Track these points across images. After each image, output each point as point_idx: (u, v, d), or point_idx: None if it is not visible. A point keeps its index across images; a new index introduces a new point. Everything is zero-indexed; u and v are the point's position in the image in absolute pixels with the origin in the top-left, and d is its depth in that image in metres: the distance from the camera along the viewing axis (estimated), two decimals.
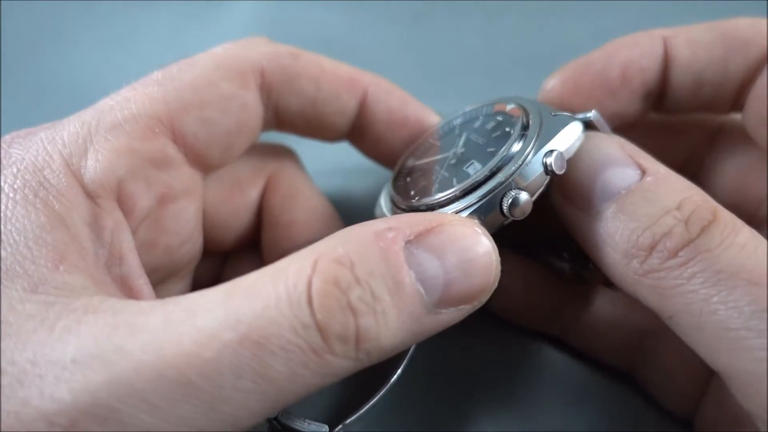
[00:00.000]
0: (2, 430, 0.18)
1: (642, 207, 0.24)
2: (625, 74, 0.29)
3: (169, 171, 0.26)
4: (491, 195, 0.24)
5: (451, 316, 0.22)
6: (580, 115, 0.26)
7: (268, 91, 0.28)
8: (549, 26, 0.44)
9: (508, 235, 0.25)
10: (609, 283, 0.28)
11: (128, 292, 0.24)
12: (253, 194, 0.30)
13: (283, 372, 0.20)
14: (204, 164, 0.28)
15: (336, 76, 0.29)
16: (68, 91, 0.43)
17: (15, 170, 0.23)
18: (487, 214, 0.24)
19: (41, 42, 0.46)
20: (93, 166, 0.24)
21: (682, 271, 0.23)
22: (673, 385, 0.29)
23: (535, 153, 0.25)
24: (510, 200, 0.24)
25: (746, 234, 0.23)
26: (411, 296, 0.21)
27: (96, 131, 0.25)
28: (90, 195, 0.24)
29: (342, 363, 0.21)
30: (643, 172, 0.24)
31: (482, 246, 0.22)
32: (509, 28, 0.31)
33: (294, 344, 0.20)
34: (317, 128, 0.30)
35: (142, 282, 0.24)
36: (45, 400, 0.18)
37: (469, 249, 0.22)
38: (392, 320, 0.21)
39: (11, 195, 0.22)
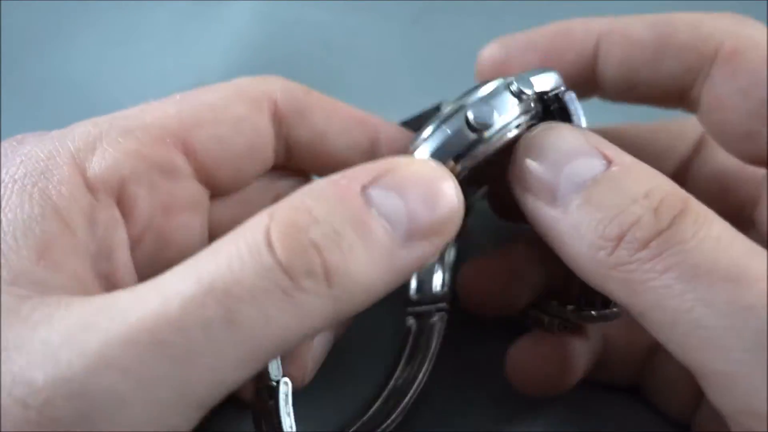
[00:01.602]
0: None
1: (608, 197, 0.23)
2: (544, 63, 0.29)
3: (176, 181, 0.26)
4: (454, 114, 0.25)
5: (426, 249, 0.23)
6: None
7: (279, 121, 0.29)
8: None
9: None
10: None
11: (112, 288, 0.23)
12: None
13: (254, 316, 0.20)
14: (212, 182, 0.28)
15: (348, 112, 0.30)
16: (68, 91, 0.43)
17: (19, 161, 0.24)
18: (455, 134, 0.25)
19: (41, 42, 0.46)
20: (98, 162, 0.24)
21: (654, 264, 0.22)
22: (676, 394, 0.30)
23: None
24: (472, 112, 0.24)
25: (720, 225, 0.23)
26: (376, 230, 0.22)
27: (107, 133, 0.25)
28: (90, 188, 0.24)
29: (316, 301, 0.21)
30: (609, 162, 0.24)
31: (440, 178, 0.23)
32: (509, 28, 0.31)
33: (260, 287, 0.20)
34: (328, 164, 0.30)
35: (129, 280, 0.25)
36: (17, 383, 0.18)
37: (427, 182, 0.23)
38: (361, 254, 0.21)
39: (10, 185, 0.23)
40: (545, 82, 0.26)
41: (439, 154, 0.25)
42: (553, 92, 0.26)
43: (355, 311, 0.22)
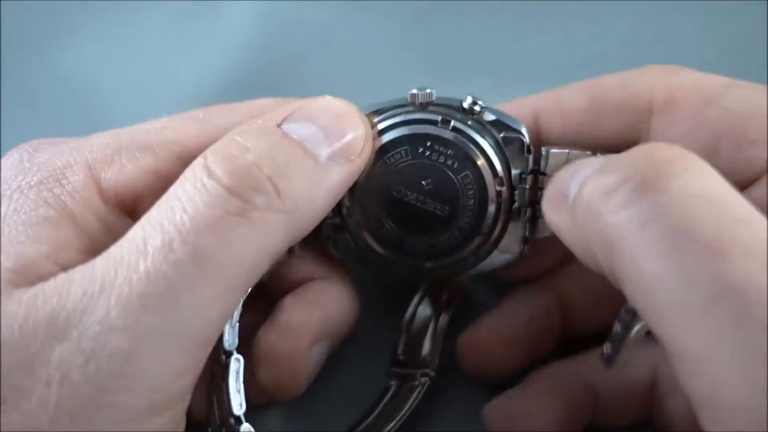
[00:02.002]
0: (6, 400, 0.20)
1: (602, 172, 0.22)
2: None
3: None
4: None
5: (348, 167, 0.25)
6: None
7: None
8: (549, 26, 0.44)
9: None
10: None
11: None
12: None
13: (217, 247, 0.22)
14: None
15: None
16: (68, 91, 0.43)
17: (36, 168, 0.25)
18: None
19: (41, 42, 0.46)
20: (114, 176, 0.25)
21: (630, 214, 0.20)
22: (688, 424, 0.28)
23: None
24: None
25: (718, 185, 0.21)
26: (301, 150, 0.24)
27: (127, 147, 0.26)
28: (104, 200, 0.25)
29: (271, 217, 0.23)
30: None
31: (341, 105, 0.26)
32: (509, 28, 0.31)
33: (215, 217, 0.22)
34: None
35: None
36: (36, 364, 0.20)
37: (333, 108, 0.26)
38: (296, 168, 0.24)
39: (26, 191, 0.24)
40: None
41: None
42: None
43: (306, 230, 0.25)
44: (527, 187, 0.28)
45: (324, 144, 0.25)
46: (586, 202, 0.22)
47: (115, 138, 0.26)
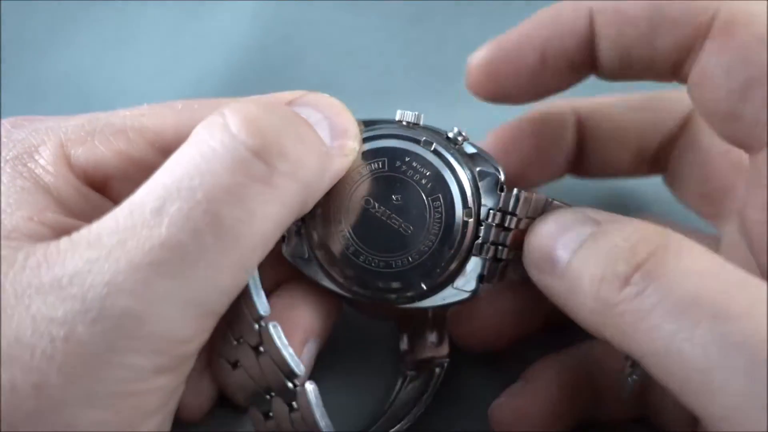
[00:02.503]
0: (8, 356, 0.20)
1: (595, 250, 0.24)
2: (544, 57, 0.28)
3: None
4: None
5: (343, 161, 0.26)
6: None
7: None
8: None
9: None
10: None
11: None
12: None
13: (238, 216, 0.21)
14: None
15: None
16: (68, 90, 0.43)
17: (12, 145, 0.25)
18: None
19: (41, 41, 0.46)
20: (85, 156, 0.25)
21: (639, 302, 0.22)
22: (683, 417, 0.28)
23: None
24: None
25: (705, 258, 0.22)
26: (313, 130, 0.24)
27: (101, 130, 0.26)
28: (75, 176, 0.25)
29: (293, 186, 0.22)
30: (598, 224, 0.25)
31: (338, 102, 0.26)
32: (509, 29, 0.31)
33: (239, 184, 0.21)
34: None
35: None
36: (40, 321, 0.20)
37: (336, 104, 0.26)
38: (310, 144, 0.24)
39: (3, 165, 0.24)
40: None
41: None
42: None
43: (307, 210, 0.25)
44: (494, 224, 0.27)
45: (327, 133, 0.25)
46: (590, 287, 0.23)
47: (90, 120, 0.26)
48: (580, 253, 0.24)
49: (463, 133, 0.28)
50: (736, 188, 0.30)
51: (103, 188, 0.26)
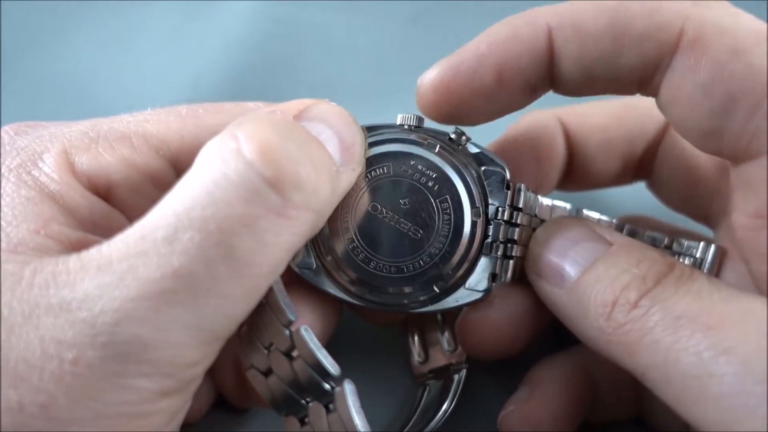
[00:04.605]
0: (16, 375, 0.20)
1: (606, 271, 0.25)
2: (501, 77, 0.27)
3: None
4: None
5: (351, 175, 0.26)
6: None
7: None
8: None
9: None
10: None
11: None
12: None
13: (251, 247, 0.21)
14: None
15: None
16: (67, 90, 0.43)
17: (15, 153, 0.25)
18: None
19: (41, 41, 0.46)
20: (88, 162, 0.25)
21: (644, 321, 0.23)
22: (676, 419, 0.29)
23: None
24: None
25: (702, 281, 0.24)
26: (326, 152, 0.24)
27: (105, 137, 0.26)
28: (80, 182, 0.25)
29: (305, 216, 0.22)
30: (609, 245, 0.26)
31: (348, 113, 0.26)
32: None
33: (252, 215, 0.21)
34: None
35: None
36: (49, 343, 0.20)
37: (345, 115, 0.25)
38: (323, 168, 0.23)
39: (6, 173, 0.24)
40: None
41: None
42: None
43: (322, 224, 0.25)
44: (503, 221, 0.27)
45: (337, 149, 0.25)
46: (601, 308, 0.25)
47: (94, 126, 0.26)
48: (590, 272, 0.25)
49: (466, 133, 0.28)
50: (722, 189, 0.30)
51: (107, 195, 0.26)
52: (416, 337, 0.32)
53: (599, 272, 0.25)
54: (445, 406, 0.29)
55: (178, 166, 0.26)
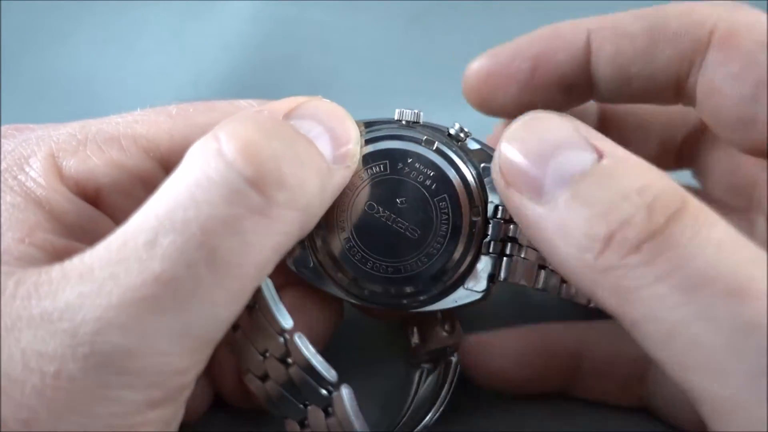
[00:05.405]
0: None
1: (598, 192, 0.21)
2: (536, 67, 0.28)
3: None
4: None
5: (345, 172, 0.25)
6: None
7: None
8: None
9: None
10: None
11: None
12: None
13: (234, 249, 0.20)
14: None
15: None
16: (67, 90, 0.43)
17: (0, 158, 0.24)
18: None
19: (41, 41, 0.46)
20: (76, 166, 0.25)
21: (646, 270, 0.20)
22: (683, 409, 0.28)
23: None
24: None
25: (722, 228, 0.20)
26: (315, 149, 0.23)
27: (93, 139, 0.25)
28: (66, 188, 0.25)
29: (291, 215, 0.22)
30: (600, 155, 0.22)
31: (342, 109, 0.25)
32: (509, 28, 0.31)
33: (234, 216, 0.20)
34: None
35: None
36: (30, 356, 0.20)
37: (338, 112, 0.25)
38: (311, 165, 0.23)
39: None
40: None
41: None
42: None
43: (308, 230, 0.24)
44: (503, 220, 0.27)
45: (329, 146, 0.24)
46: (587, 242, 0.21)
47: (82, 128, 0.25)
48: (576, 187, 0.21)
49: (465, 129, 0.27)
50: (762, 180, 0.30)
51: (96, 199, 0.25)
52: (415, 328, 0.31)
53: (590, 192, 0.21)
54: (443, 393, 0.29)
55: (168, 167, 0.26)
